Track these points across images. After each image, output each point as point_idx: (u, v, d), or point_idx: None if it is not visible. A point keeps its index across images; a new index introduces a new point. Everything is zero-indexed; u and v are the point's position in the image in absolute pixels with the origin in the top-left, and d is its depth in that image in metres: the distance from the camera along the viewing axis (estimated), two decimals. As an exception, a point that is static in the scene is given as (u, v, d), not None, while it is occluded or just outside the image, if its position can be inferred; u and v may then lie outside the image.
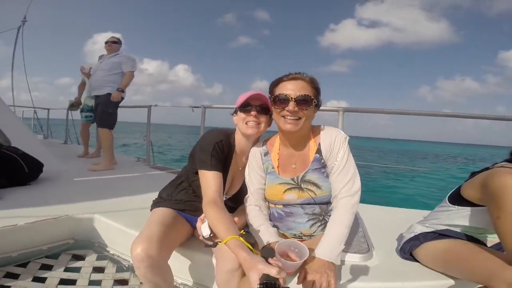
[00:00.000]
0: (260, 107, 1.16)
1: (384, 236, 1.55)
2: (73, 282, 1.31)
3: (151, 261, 0.98)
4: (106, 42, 3.32)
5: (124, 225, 1.54)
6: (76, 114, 4.78)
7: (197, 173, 1.16)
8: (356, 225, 1.59)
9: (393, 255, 1.34)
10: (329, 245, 1.00)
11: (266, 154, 1.22)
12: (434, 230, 1.17)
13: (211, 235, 0.99)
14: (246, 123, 1.17)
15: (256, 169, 1.20)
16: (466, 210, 1.08)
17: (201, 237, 1.03)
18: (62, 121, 5.70)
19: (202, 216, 1.09)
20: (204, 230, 0.99)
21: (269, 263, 0.80)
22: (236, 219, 1.03)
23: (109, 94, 3.12)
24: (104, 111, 3.17)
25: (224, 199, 1.27)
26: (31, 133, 3.46)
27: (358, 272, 1.16)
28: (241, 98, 1.17)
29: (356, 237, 1.42)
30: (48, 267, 1.40)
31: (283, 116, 1.08)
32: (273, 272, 0.75)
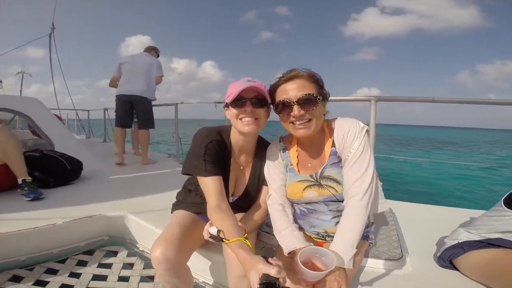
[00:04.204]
0: (255, 99, 1.03)
1: (423, 239, 1.41)
2: (104, 277, 1.39)
3: (169, 264, 0.98)
4: None
5: (151, 223, 1.59)
6: (112, 114, 5.11)
7: None
8: (391, 227, 1.47)
9: (430, 262, 1.22)
10: (339, 251, 0.91)
11: (284, 150, 1.17)
12: (483, 238, 1.02)
13: (219, 232, 0.97)
14: (241, 119, 1.05)
15: (277, 166, 1.15)
16: None
17: (206, 237, 1.00)
18: (102, 121, 6.13)
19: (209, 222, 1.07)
20: (211, 229, 0.97)
21: (269, 262, 0.77)
22: (239, 224, 0.99)
23: None
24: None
25: (232, 200, 1.23)
26: (72, 135, 3.74)
27: (387, 281, 1.07)
28: (232, 91, 1.02)
29: (388, 241, 1.31)
30: (84, 263, 1.49)
31: (292, 122, 1.02)
32: (272, 272, 0.72)
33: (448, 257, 1.11)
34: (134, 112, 3.53)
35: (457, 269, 1.10)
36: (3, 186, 2.07)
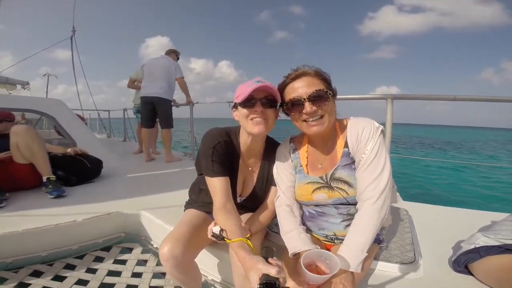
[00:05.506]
0: (266, 99, 1.03)
1: (439, 243, 1.35)
2: (118, 273, 1.44)
3: (176, 261, 1.01)
4: None
5: (164, 221, 1.63)
6: (131, 114, 5.31)
7: None
8: (405, 229, 1.42)
9: (444, 266, 1.16)
10: (348, 253, 0.89)
11: (294, 151, 1.15)
12: (501, 244, 0.96)
13: (222, 232, 0.98)
14: (251, 120, 1.05)
15: (286, 167, 1.15)
16: None
17: (209, 235, 1.02)
18: (122, 120, 6.36)
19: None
20: (214, 228, 0.99)
21: (269, 263, 0.77)
22: (243, 224, 0.99)
23: None
24: None
25: (239, 200, 1.25)
26: (93, 135, 3.91)
27: (397, 285, 1.04)
28: (242, 91, 1.02)
29: (402, 244, 1.26)
30: (101, 259, 1.56)
31: (304, 120, 1.00)
32: (272, 272, 0.72)
33: (464, 262, 1.06)
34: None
35: (472, 275, 1.05)
36: (29, 184, 2.19)
